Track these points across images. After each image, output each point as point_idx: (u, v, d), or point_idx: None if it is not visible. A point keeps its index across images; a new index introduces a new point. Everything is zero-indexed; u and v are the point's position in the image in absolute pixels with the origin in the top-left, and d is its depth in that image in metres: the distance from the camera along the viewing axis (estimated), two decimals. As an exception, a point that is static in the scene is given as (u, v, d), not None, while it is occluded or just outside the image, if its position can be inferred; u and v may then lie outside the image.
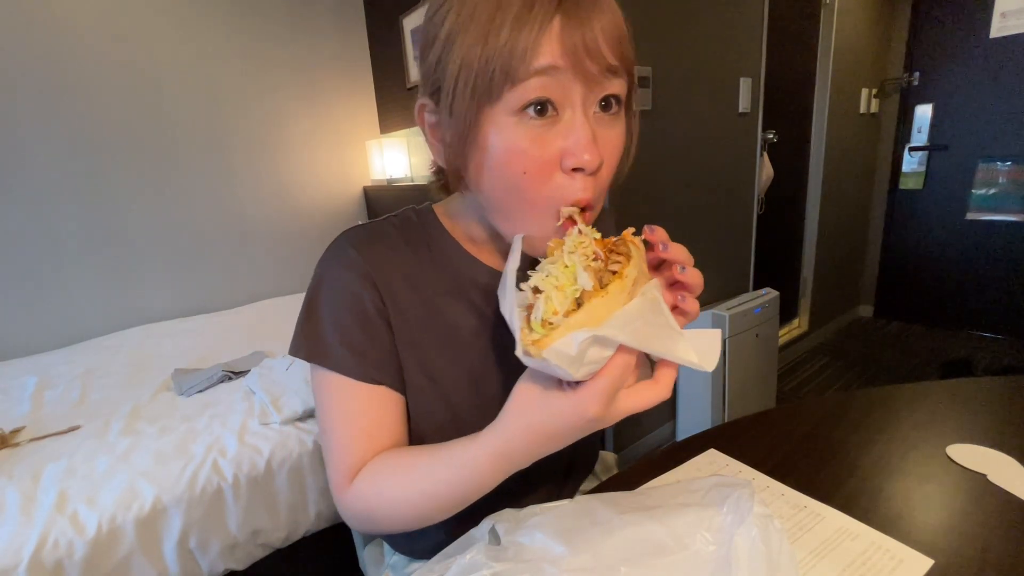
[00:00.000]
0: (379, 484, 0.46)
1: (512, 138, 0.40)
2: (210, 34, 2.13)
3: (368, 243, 0.51)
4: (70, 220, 1.91)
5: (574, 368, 0.34)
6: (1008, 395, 0.74)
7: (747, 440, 0.67)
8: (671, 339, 0.37)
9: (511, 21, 0.37)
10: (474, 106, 0.40)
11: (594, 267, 0.37)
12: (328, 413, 0.49)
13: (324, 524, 1.18)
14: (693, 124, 1.74)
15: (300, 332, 0.51)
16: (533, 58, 0.38)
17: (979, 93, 2.56)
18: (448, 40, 0.40)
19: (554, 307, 0.36)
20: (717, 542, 0.40)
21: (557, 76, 0.39)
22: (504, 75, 0.38)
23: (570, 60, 0.38)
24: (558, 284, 0.37)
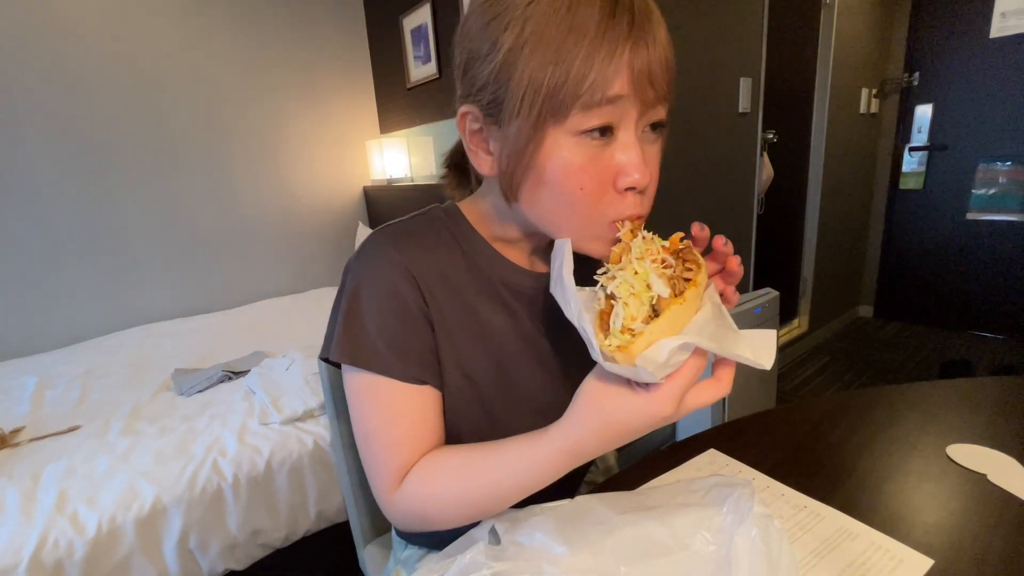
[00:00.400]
0: (435, 484, 0.46)
1: (572, 157, 0.42)
2: (210, 34, 2.13)
3: (406, 242, 0.51)
4: (70, 220, 1.91)
5: (660, 372, 0.36)
6: (1008, 395, 0.74)
7: (747, 440, 0.67)
8: (732, 339, 0.39)
9: (586, 47, 0.39)
10: (539, 124, 0.42)
11: (667, 274, 0.38)
12: (370, 417, 0.49)
13: (324, 524, 1.18)
14: (693, 124, 1.74)
15: (342, 335, 0.49)
16: (606, 88, 0.40)
17: (979, 93, 2.56)
18: (511, 55, 0.41)
19: (632, 313, 0.37)
20: (717, 542, 0.40)
21: (622, 103, 0.41)
22: (575, 99, 0.40)
23: (634, 89, 0.41)
24: (634, 291, 0.38)
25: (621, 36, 0.39)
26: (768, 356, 0.39)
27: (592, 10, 0.39)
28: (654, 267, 0.38)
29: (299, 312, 2.14)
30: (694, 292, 0.37)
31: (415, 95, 2.31)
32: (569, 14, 0.39)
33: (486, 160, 0.48)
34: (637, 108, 0.42)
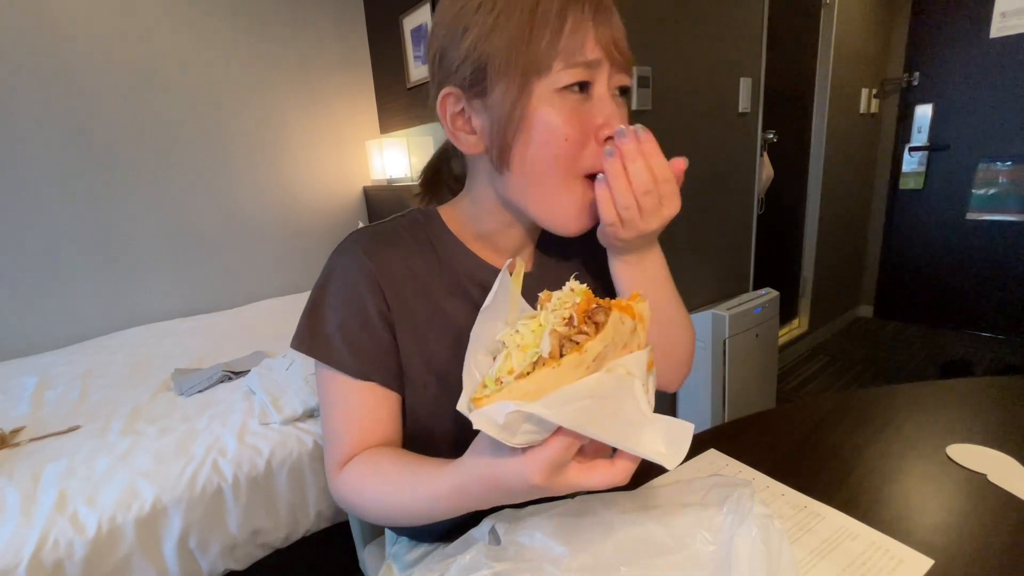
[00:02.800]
0: (362, 483, 0.49)
1: (557, 110, 0.46)
2: (210, 34, 2.13)
3: (377, 246, 0.53)
4: (70, 220, 1.91)
5: (505, 436, 0.33)
6: (1008, 395, 0.74)
7: (747, 440, 0.67)
8: (632, 425, 0.34)
9: (555, 14, 0.44)
10: (524, 82, 0.45)
11: (562, 332, 0.35)
12: (325, 404, 0.53)
13: (324, 524, 1.18)
14: (693, 124, 1.74)
15: (304, 328, 0.53)
16: (580, 51, 0.45)
17: (979, 93, 2.56)
18: (486, 28, 0.45)
19: (511, 366, 0.35)
20: (717, 542, 0.40)
21: (596, 65, 0.46)
22: (553, 57, 0.44)
23: (605, 53, 0.46)
24: (522, 343, 0.36)
25: (586, 14, 0.45)
26: (673, 453, 0.35)
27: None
28: (557, 321, 0.35)
29: (299, 312, 2.13)
30: (574, 359, 0.33)
31: (415, 95, 2.30)
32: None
33: (470, 140, 0.50)
34: (607, 69, 0.47)
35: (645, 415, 0.35)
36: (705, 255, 1.93)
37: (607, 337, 0.33)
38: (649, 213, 0.46)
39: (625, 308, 0.35)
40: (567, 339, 0.34)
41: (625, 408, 0.34)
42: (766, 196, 2.22)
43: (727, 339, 1.77)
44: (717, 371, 1.80)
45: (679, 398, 1.93)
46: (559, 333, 0.35)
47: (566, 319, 0.35)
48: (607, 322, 0.34)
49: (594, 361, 0.33)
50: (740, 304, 1.83)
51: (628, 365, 0.35)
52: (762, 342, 1.92)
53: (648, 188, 0.45)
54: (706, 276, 1.96)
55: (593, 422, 0.33)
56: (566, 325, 0.35)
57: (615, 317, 0.34)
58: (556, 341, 0.34)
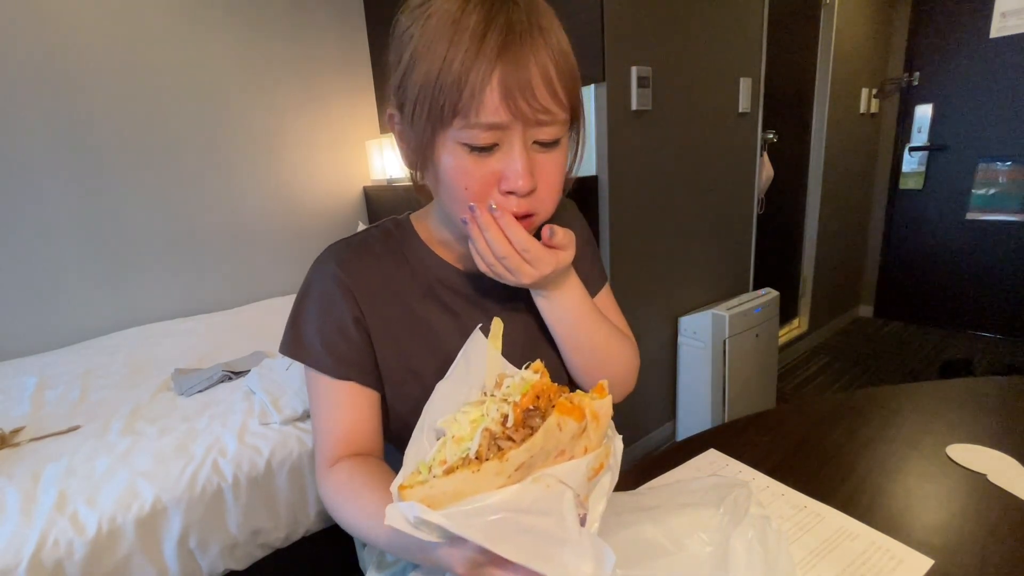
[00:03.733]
0: (339, 495, 0.51)
1: (458, 161, 0.46)
2: (210, 34, 2.13)
3: (351, 257, 0.57)
4: (70, 220, 1.91)
5: (419, 533, 0.32)
6: (1008, 395, 0.74)
7: (747, 440, 0.67)
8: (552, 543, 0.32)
9: (459, 64, 0.42)
10: (429, 128, 0.46)
11: (493, 431, 0.33)
12: (313, 405, 0.57)
13: (324, 524, 1.18)
14: (693, 124, 1.74)
15: (288, 335, 0.58)
16: (479, 113, 0.43)
17: (979, 93, 2.56)
18: (410, 63, 0.45)
19: (444, 456, 0.34)
20: (714, 543, 0.40)
21: (501, 127, 0.45)
22: (453, 112, 0.44)
23: (510, 111, 0.44)
24: (458, 434, 0.35)
25: (491, 55, 0.42)
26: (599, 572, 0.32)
27: (468, 24, 0.42)
28: (495, 418, 0.34)
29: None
30: (494, 466, 0.31)
31: (415, 95, 2.31)
32: (450, 29, 0.43)
33: (407, 156, 0.52)
34: (517, 127, 0.45)
35: (569, 532, 0.33)
36: (705, 255, 1.93)
37: (534, 447, 0.31)
38: (516, 272, 0.49)
39: (570, 410, 0.33)
40: (497, 440, 0.33)
41: (546, 523, 0.32)
42: (766, 196, 2.22)
43: (727, 339, 1.77)
44: (717, 371, 1.80)
45: (679, 397, 1.93)
46: (491, 432, 0.33)
47: (503, 416, 0.34)
48: (539, 429, 0.32)
49: (517, 471, 0.31)
50: (740, 304, 1.84)
51: (561, 474, 0.33)
52: (762, 342, 1.92)
53: (505, 253, 0.48)
54: (706, 276, 1.96)
55: (504, 539, 0.31)
56: (502, 423, 0.33)
57: (550, 424, 0.32)
58: (487, 441, 0.33)
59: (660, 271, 1.76)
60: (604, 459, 0.36)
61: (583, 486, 0.34)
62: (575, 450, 0.34)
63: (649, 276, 1.73)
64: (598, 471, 0.35)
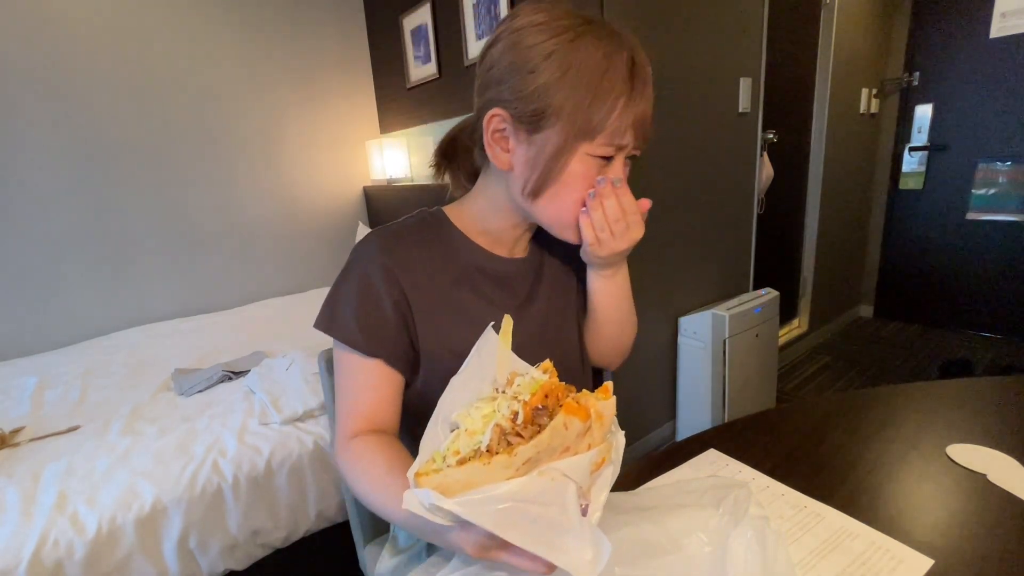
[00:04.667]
0: (354, 468, 0.54)
1: (586, 169, 0.56)
2: (210, 34, 2.13)
3: (393, 243, 0.61)
4: (70, 220, 1.91)
5: (435, 517, 0.34)
6: (1008, 395, 0.74)
7: (747, 440, 0.67)
8: (556, 531, 0.35)
9: (615, 95, 0.52)
10: (572, 140, 0.54)
11: (504, 427, 0.36)
12: (338, 380, 0.61)
13: (324, 524, 1.18)
14: (693, 124, 1.74)
15: (325, 311, 0.61)
16: (621, 135, 0.54)
17: (979, 93, 2.56)
18: (557, 76, 0.52)
19: (457, 447, 0.36)
20: (713, 543, 0.40)
21: (625, 147, 0.56)
22: (599, 131, 0.53)
23: (635, 138, 0.56)
24: (471, 428, 0.37)
25: (638, 95, 0.53)
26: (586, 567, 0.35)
27: (620, 65, 0.52)
28: (506, 413, 0.36)
29: (299, 312, 2.14)
30: (503, 460, 0.34)
31: (415, 95, 2.31)
32: (604, 61, 0.52)
33: (503, 157, 0.58)
34: (629, 149, 0.57)
35: (572, 521, 0.35)
36: (705, 255, 1.93)
37: (541, 443, 0.34)
38: (619, 236, 0.58)
39: (576, 410, 0.35)
40: (507, 435, 0.35)
41: (550, 513, 0.35)
42: (766, 196, 2.22)
43: (727, 339, 1.77)
44: (717, 371, 1.80)
45: (679, 397, 1.93)
46: (501, 428, 0.36)
47: (514, 413, 0.36)
48: (546, 427, 0.35)
49: (524, 464, 0.34)
50: (740, 304, 1.83)
51: (565, 468, 0.35)
52: (762, 342, 1.92)
53: (617, 217, 0.57)
54: (706, 276, 1.96)
55: (511, 526, 0.33)
56: (512, 419, 0.36)
57: (557, 423, 0.35)
58: (497, 436, 0.35)
59: (660, 271, 1.76)
60: (606, 454, 0.38)
61: (585, 479, 0.37)
62: (579, 446, 0.36)
63: (649, 276, 1.73)
64: (600, 465, 0.38)
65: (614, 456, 0.39)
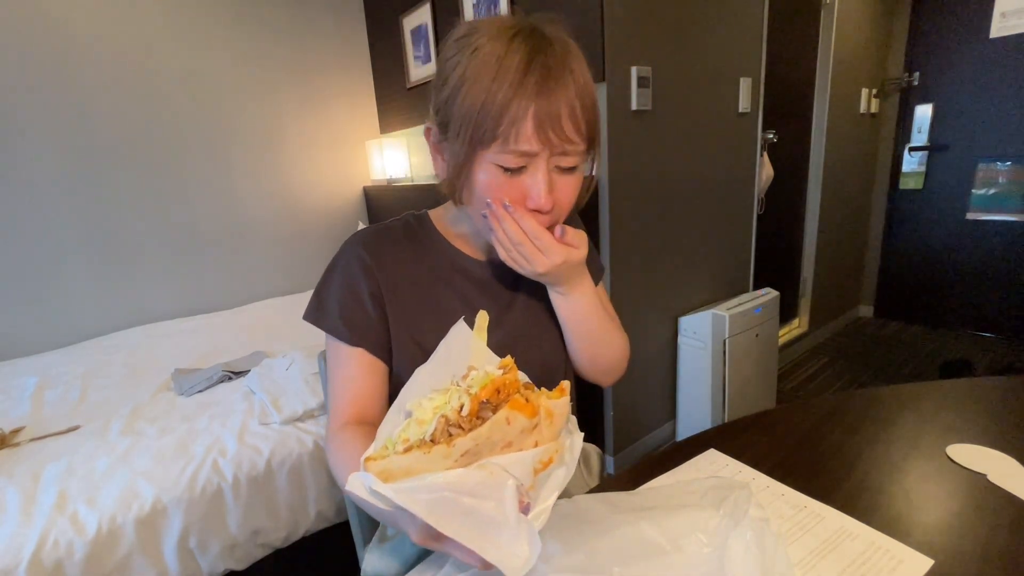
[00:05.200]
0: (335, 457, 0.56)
1: (492, 178, 0.54)
2: (210, 34, 2.13)
3: (374, 241, 0.65)
4: (70, 220, 1.91)
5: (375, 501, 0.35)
6: (1008, 395, 0.74)
7: (747, 440, 0.67)
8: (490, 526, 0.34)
9: (501, 98, 0.49)
10: (470, 147, 0.53)
11: (449, 418, 0.36)
12: (329, 370, 0.64)
13: (324, 524, 1.18)
14: (693, 124, 1.74)
15: (313, 303, 0.64)
16: (515, 141, 0.51)
17: (979, 93, 2.56)
18: (456, 87, 0.52)
19: (407, 435, 0.37)
20: (712, 544, 0.40)
21: (531, 154, 0.52)
22: (493, 137, 0.51)
23: (540, 141, 0.51)
24: (421, 417, 0.37)
25: (530, 91, 0.49)
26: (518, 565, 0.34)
27: (511, 67, 0.49)
28: (453, 405, 0.37)
29: (299, 312, 2.13)
30: (441, 450, 0.34)
31: (415, 95, 2.31)
32: (495, 65, 0.50)
33: (441, 166, 0.60)
34: (544, 154, 0.53)
35: (508, 517, 0.35)
36: (705, 255, 1.93)
37: (480, 436, 0.34)
38: (532, 260, 0.56)
39: (522, 407, 0.35)
40: (450, 426, 0.36)
41: (485, 507, 0.34)
42: (766, 196, 2.22)
43: (727, 339, 1.77)
44: (717, 371, 1.80)
45: (679, 397, 1.93)
46: (446, 418, 0.36)
47: (461, 405, 0.36)
48: (487, 420, 0.35)
49: (463, 456, 0.34)
50: (740, 304, 1.83)
51: (506, 463, 0.35)
52: (762, 342, 1.92)
53: (519, 240, 0.55)
54: (706, 276, 1.96)
55: (444, 516, 0.33)
56: (458, 411, 0.36)
57: (499, 417, 0.34)
58: (442, 426, 0.36)
59: (660, 271, 1.76)
60: (553, 453, 0.37)
61: (528, 476, 0.36)
62: (524, 443, 0.36)
63: (649, 276, 1.73)
64: (547, 464, 0.37)
65: (567, 458, 0.38)
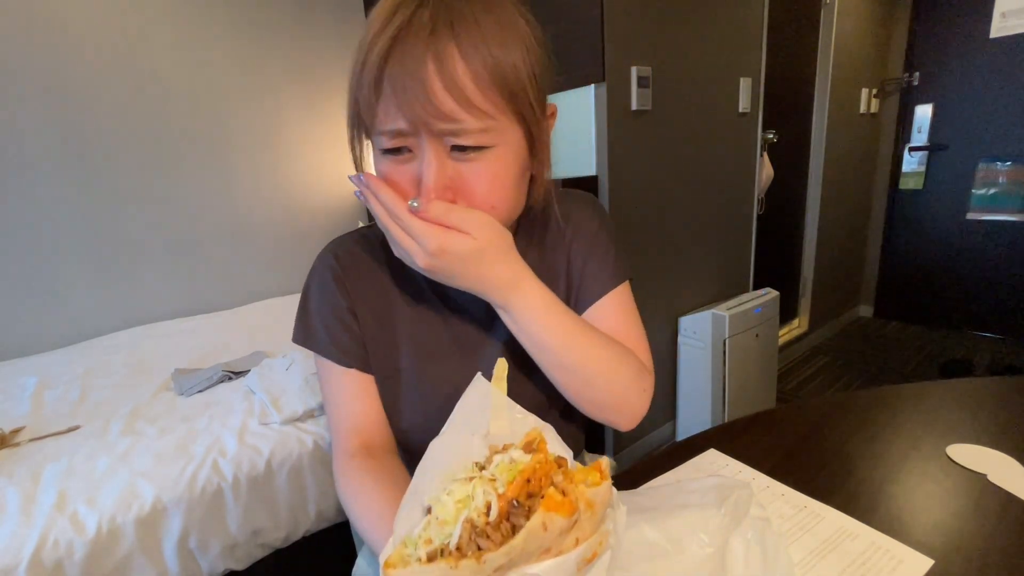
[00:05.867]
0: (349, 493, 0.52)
1: (379, 166, 0.49)
2: (210, 34, 2.13)
3: (347, 252, 0.60)
4: (70, 220, 1.91)
5: None
6: (1008, 395, 0.74)
7: (747, 440, 0.67)
8: None
9: (360, 64, 0.44)
10: (357, 139, 0.50)
11: (475, 522, 0.32)
12: (324, 393, 0.59)
13: (324, 524, 1.18)
14: (693, 124, 1.74)
15: (298, 324, 0.60)
16: (383, 122, 0.44)
17: (979, 93, 2.56)
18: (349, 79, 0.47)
19: (428, 536, 0.33)
20: (714, 544, 0.40)
21: (409, 133, 0.44)
22: (370, 125, 0.46)
23: (405, 116, 0.43)
24: (443, 517, 0.33)
25: (377, 58, 0.42)
26: None
27: (378, 35, 0.42)
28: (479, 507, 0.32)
29: (299, 312, 2.13)
30: (471, 566, 0.30)
31: (415, 95, 2.30)
32: (365, 39, 0.44)
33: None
34: (425, 133, 0.44)
35: None
36: (705, 255, 1.93)
37: (513, 550, 0.30)
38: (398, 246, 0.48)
39: (559, 505, 0.31)
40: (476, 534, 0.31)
41: None
42: (766, 196, 2.22)
43: (727, 339, 1.77)
44: (717, 371, 1.80)
45: (679, 397, 1.93)
46: (471, 523, 0.32)
47: (487, 506, 0.32)
48: (521, 529, 0.30)
49: (496, 572, 0.30)
50: (740, 304, 1.84)
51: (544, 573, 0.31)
52: (762, 342, 1.92)
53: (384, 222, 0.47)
54: (706, 276, 1.96)
55: None
56: (485, 513, 0.32)
57: (534, 524, 0.30)
58: (467, 533, 0.31)
59: (660, 271, 1.76)
60: (597, 547, 0.33)
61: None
62: (563, 545, 0.32)
63: (649, 276, 1.73)
64: (591, 560, 0.33)
65: (612, 541, 0.34)
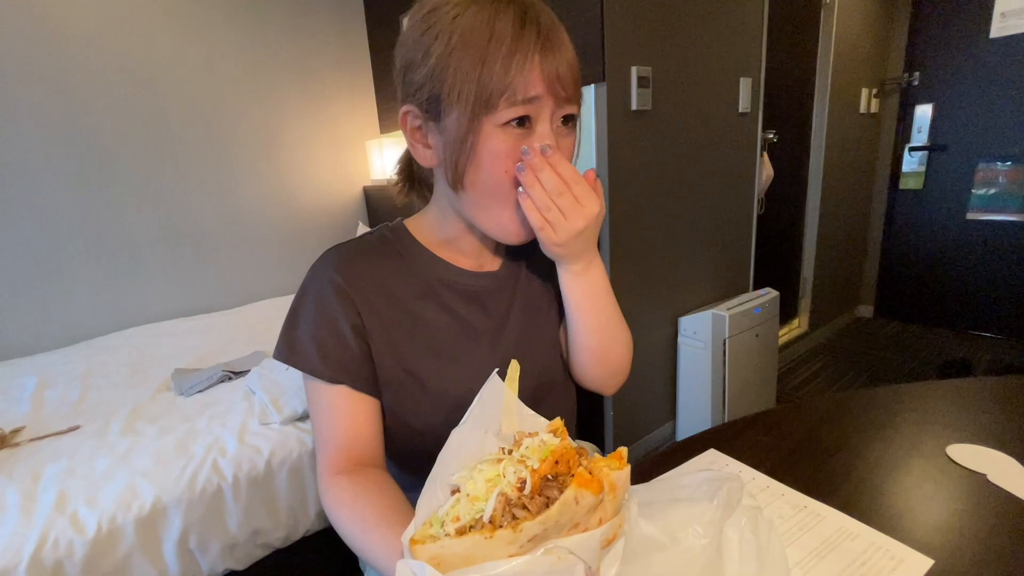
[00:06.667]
0: (338, 506, 0.51)
1: (499, 145, 0.50)
2: (210, 34, 2.13)
3: (348, 262, 0.58)
4: (70, 220, 1.91)
5: None
6: (1008, 395, 0.74)
7: (747, 440, 0.67)
8: None
9: (504, 52, 0.47)
10: (474, 116, 0.49)
11: (509, 496, 0.33)
12: (311, 411, 0.58)
13: (324, 524, 1.18)
14: (693, 124, 1.74)
15: (283, 340, 0.58)
16: (524, 90, 0.48)
17: (979, 93, 2.56)
18: (442, 59, 0.49)
19: (458, 513, 0.34)
20: (709, 535, 0.40)
21: (539, 101, 0.50)
22: (500, 95, 0.48)
23: (547, 88, 0.49)
24: (473, 493, 0.34)
25: (531, 45, 0.48)
26: None
27: (506, 23, 0.47)
28: (510, 481, 0.34)
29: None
30: (506, 535, 0.31)
31: (415, 95, 2.30)
32: (488, 25, 0.47)
33: (426, 153, 0.55)
34: (551, 105, 0.50)
35: None
36: (705, 255, 1.93)
37: (549, 520, 0.32)
38: (571, 213, 0.51)
39: (588, 483, 0.33)
40: (512, 506, 0.33)
41: None
42: (766, 196, 2.22)
43: (727, 339, 1.77)
44: (717, 371, 1.80)
45: (679, 397, 1.93)
46: (506, 497, 0.33)
47: (520, 481, 0.34)
48: (555, 501, 0.32)
49: (529, 541, 0.32)
50: (740, 304, 1.84)
51: (573, 547, 0.33)
52: (762, 342, 1.92)
53: (560, 190, 0.51)
54: (706, 276, 1.96)
55: None
56: (519, 488, 0.33)
57: (567, 497, 0.32)
58: (501, 506, 0.33)
59: (660, 271, 1.76)
60: (617, 529, 0.35)
61: (595, 558, 0.34)
62: (589, 522, 0.34)
63: (649, 276, 1.73)
64: (611, 541, 0.36)
65: (627, 528, 0.37)
